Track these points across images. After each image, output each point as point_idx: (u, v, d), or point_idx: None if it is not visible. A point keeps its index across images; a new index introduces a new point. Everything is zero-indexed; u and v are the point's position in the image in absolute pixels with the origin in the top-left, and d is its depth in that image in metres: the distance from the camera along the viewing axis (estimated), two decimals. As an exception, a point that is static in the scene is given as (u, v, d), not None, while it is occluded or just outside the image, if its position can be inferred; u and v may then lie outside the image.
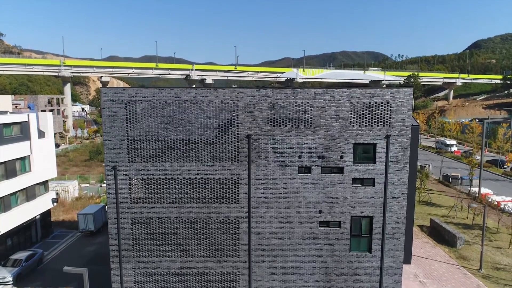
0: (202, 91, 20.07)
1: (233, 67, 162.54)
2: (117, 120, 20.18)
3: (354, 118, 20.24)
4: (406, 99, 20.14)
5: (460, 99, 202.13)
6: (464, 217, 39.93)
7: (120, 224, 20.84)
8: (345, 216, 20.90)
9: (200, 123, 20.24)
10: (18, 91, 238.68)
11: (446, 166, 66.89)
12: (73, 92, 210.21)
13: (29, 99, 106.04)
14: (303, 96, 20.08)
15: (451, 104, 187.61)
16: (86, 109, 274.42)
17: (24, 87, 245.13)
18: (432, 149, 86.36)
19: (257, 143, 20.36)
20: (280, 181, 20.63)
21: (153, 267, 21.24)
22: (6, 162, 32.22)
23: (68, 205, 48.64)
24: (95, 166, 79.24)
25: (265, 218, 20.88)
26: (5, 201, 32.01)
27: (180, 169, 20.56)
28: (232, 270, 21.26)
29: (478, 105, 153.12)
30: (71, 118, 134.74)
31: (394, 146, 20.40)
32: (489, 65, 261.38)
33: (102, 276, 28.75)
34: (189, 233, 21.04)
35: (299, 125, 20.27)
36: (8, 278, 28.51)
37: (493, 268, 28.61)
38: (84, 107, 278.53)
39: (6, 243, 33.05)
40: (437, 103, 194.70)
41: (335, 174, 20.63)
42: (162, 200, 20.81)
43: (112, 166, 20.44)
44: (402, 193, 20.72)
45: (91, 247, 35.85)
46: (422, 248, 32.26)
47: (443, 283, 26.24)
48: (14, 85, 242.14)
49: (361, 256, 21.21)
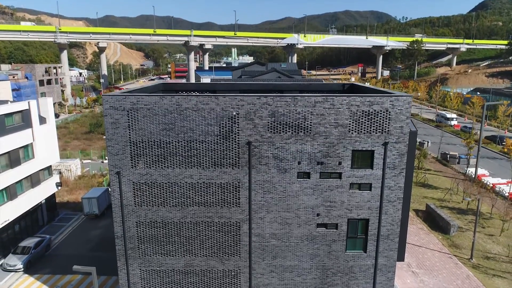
0: (203, 99, 20.18)
1: (233, 33, 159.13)
2: (120, 127, 20.44)
3: (353, 126, 20.49)
4: (405, 107, 20.29)
5: (463, 65, 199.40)
6: (459, 201, 40.97)
7: (126, 226, 21.64)
8: (342, 218, 21.67)
9: (201, 130, 20.51)
10: (14, 55, 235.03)
11: (445, 142, 67.44)
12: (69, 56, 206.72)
13: (26, 69, 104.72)
14: (303, 103, 20.21)
15: (454, 70, 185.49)
16: (83, 74, 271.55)
17: (19, 52, 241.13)
18: (432, 123, 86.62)
19: (258, 149, 20.74)
20: (279, 186, 21.21)
21: (158, 265, 22.29)
22: (10, 152, 32.71)
23: (71, 185, 49.65)
24: (96, 139, 79.83)
25: (265, 220, 21.66)
26: (11, 190, 32.81)
27: (182, 174, 21.08)
28: (233, 268, 22.33)
29: (481, 73, 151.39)
30: (69, 86, 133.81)
31: (391, 153, 20.80)
32: (495, 29, 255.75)
33: (109, 263, 30.06)
34: (192, 234, 21.90)
35: (299, 132, 20.55)
36: (19, 266, 29.85)
37: (484, 257, 29.86)
38: (81, 71, 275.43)
39: (14, 229, 34.20)
40: (440, 69, 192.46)
41: (333, 179, 21.16)
42: (166, 203, 21.48)
43: (116, 171, 20.93)
44: (398, 197, 21.37)
45: (97, 231, 37.13)
46: (416, 235, 33.45)
47: (435, 273, 27.52)
48: (9, 49, 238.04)
49: (357, 255, 22.19)
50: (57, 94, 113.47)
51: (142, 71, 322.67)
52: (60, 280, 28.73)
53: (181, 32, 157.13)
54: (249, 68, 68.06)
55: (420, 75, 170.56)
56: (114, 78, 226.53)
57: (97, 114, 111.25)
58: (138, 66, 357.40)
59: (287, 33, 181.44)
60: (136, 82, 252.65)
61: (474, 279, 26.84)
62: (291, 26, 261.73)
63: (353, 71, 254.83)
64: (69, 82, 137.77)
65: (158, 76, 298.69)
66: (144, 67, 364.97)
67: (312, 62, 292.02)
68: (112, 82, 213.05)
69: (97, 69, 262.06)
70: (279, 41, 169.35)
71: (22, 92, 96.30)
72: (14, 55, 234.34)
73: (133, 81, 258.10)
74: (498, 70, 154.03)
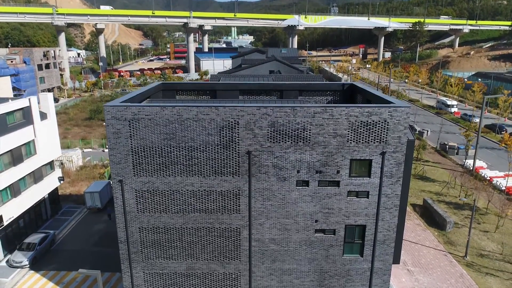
0: (203, 109, 20.37)
1: (233, 14, 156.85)
2: (121, 136, 20.71)
3: (352, 135, 20.75)
4: (403, 118, 20.50)
5: (466, 46, 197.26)
6: (456, 195, 41.57)
7: (129, 231, 22.20)
8: (340, 224, 22.21)
9: (202, 139, 20.78)
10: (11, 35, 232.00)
11: (444, 130, 67.66)
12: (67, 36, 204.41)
13: (24, 53, 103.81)
14: (302, 114, 20.41)
15: (456, 52, 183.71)
16: (82, 54, 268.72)
17: (16, 32, 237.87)
18: (433, 109, 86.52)
19: (257, 158, 21.07)
20: (279, 193, 21.65)
21: (161, 269, 22.98)
22: (12, 150, 33.02)
23: (73, 176, 50.19)
24: (96, 126, 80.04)
25: (265, 226, 22.21)
26: (14, 187, 33.29)
27: (183, 182, 21.48)
28: (233, 271, 23.04)
29: (483, 56, 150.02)
30: (68, 70, 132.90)
31: (389, 162, 21.13)
32: (499, 8, 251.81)
33: (112, 259, 30.88)
34: (193, 239, 22.49)
35: (298, 142, 20.83)
36: (25, 262, 30.64)
37: (478, 255, 30.64)
38: (79, 52, 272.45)
39: (19, 224, 34.87)
40: (442, 51, 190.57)
41: (332, 187, 21.59)
42: (167, 210, 21.98)
43: (118, 179, 21.33)
44: (395, 204, 21.84)
45: (99, 225, 37.86)
46: (413, 231, 34.17)
47: (430, 271, 28.32)
48: (6, 30, 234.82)
49: (354, 259, 22.85)
50: (56, 78, 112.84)
51: (141, 51, 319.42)
52: (66, 277, 29.57)
53: (180, 13, 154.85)
54: (249, 57, 67.58)
55: (421, 57, 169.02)
56: (113, 59, 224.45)
57: (96, 99, 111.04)
58: (137, 46, 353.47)
59: (288, 14, 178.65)
60: (135, 63, 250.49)
61: (467, 277, 27.65)
62: (291, 4, 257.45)
63: (354, 52, 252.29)
64: (68, 66, 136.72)
65: (157, 56, 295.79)
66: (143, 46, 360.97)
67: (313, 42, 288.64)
68: (111, 63, 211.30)
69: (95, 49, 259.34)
70: (279, 22, 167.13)
71: (21, 78, 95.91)
72: (11, 36, 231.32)
73: (132, 62, 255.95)
74: (501, 53, 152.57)
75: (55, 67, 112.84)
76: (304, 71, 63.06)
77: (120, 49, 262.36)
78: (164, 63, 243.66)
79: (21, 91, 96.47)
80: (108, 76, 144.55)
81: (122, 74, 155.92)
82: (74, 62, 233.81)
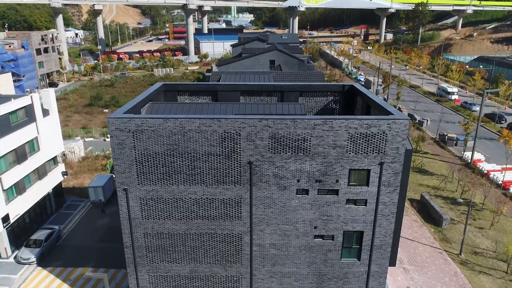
0: (206, 121, 20.71)
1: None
2: (125, 147, 21.14)
3: (351, 146, 21.18)
4: (402, 130, 20.88)
5: (469, 27, 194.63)
6: (453, 189, 42.28)
7: (134, 237, 22.93)
8: (338, 231, 22.91)
9: (204, 150, 21.22)
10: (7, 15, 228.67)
11: (444, 119, 67.96)
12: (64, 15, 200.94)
13: (22, 37, 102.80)
14: (303, 126, 20.78)
15: (459, 33, 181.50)
16: (79, 34, 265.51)
17: (13, 11, 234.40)
18: (433, 96, 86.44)
19: (258, 168, 21.57)
20: (279, 201, 22.26)
21: (165, 271, 23.84)
22: (16, 148, 33.48)
23: (75, 167, 50.80)
24: (97, 113, 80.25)
25: (265, 232, 22.92)
26: (19, 185, 33.93)
27: (186, 191, 22.06)
28: (235, 274, 23.91)
29: (486, 39, 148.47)
30: (66, 53, 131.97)
31: (387, 171, 21.64)
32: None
33: (117, 255, 31.80)
34: (196, 244, 23.25)
35: (298, 152, 21.28)
36: (32, 259, 31.59)
37: (472, 253, 31.56)
38: (77, 32, 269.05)
39: (24, 220, 35.69)
40: (444, 32, 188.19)
41: (331, 195, 22.17)
42: (171, 217, 22.64)
43: (123, 188, 21.89)
44: (392, 212, 22.48)
45: (103, 220, 38.72)
46: (410, 227, 35.03)
47: (425, 270, 29.28)
48: (2, 9, 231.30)
49: (351, 263, 23.67)
50: (54, 62, 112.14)
51: (139, 31, 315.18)
52: (72, 274, 30.54)
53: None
54: (249, 45, 67.18)
55: (423, 39, 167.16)
56: (111, 40, 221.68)
57: (96, 83, 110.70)
58: (135, 25, 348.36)
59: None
60: (133, 43, 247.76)
61: (461, 276, 28.62)
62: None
63: (355, 32, 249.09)
64: (66, 49, 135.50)
65: (156, 36, 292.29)
66: (141, 25, 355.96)
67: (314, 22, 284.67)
68: (109, 44, 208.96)
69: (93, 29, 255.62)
70: (280, 3, 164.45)
71: (20, 63, 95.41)
72: (7, 15, 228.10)
73: (131, 43, 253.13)
74: (504, 35, 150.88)
75: (54, 51, 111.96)
76: (305, 61, 62.85)
77: (118, 29, 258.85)
78: (163, 43, 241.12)
79: (20, 76, 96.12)
80: (107, 59, 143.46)
81: (121, 56, 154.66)
82: (72, 42, 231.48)
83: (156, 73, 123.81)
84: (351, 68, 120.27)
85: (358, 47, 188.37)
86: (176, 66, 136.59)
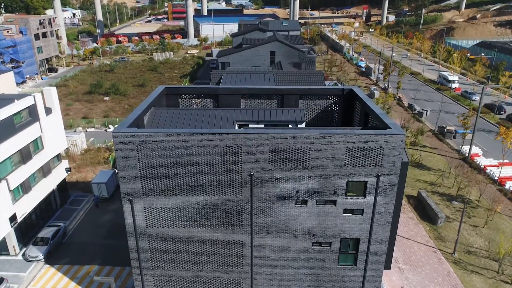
0: (208, 136, 21.25)
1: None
2: (130, 160, 21.76)
3: (349, 160, 21.79)
4: (398, 144, 21.44)
5: (472, 8, 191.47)
6: (450, 185, 43.07)
7: (139, 243, 23.84)
8: (336, 238, 23.80)
9: (206, 163, 21.85)
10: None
11: (444, 110, 68.25)
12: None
13: (19, 22, 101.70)
14: (302, 140, 21.33)
15: (462, 15, 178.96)
16: (77, 14, 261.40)
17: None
18: (434, 84, 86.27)
19: (259, 180, 22.26)
20: (279, 211, 23.05)
21: (169, 275, 24.87)
22: (21, 148, 34.07)
23: (78, 160, 51.46)
24: (97, 102, 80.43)
25: (266, 240, 23.81)
26: (25, 184, 34.70)
27: (189, 201, 22.81)
28: (236, 278, 24.96)
29: (489, 22, 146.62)
30: (65, 37, 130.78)
31: (383, 183, 22.33)
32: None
33: (122, 252, 32.90)
34: (199, 250, 24.18)
35: (298, 165, 21.91)
36: (40, 257, 32.68)
37: (466, 252, 32.60)
38: (75, 12, 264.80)
39: (31, 217, 36.62)
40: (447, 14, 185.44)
41: (329, 205, 22.94)
42: (175, 225, 23.48)
43: (128, 198, 22.64)
44: (387, 220, 23.30)
45: (107, 216, 39.68)
46: (406, 225, 36.00)
47: (419, 269, 30.37)
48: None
49: (348, 268, 24.67)
50: (53, 47, 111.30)
51: (138, 11, 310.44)
52: (79, 271, 31.69)
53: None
54: (250, 35, 66.81)
55: (426, 22, 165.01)
56: (110, 20, 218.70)
57: (95, 68, 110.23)
58: (133, 4, 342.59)
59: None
60: (132, 24, 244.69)
61: (453, 276, 29.72)
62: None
63: (357, 13, 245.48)
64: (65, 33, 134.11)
65: (155, 16, 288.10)
66: (140, 4, 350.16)
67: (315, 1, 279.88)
68: (107, 24, 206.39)
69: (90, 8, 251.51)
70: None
71: (19, 49, 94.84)
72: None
73: (129, 23, 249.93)
74: (507, 18, 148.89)
75: (52, 35, 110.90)
76: (305, 52, 62.71)
77: (116, 8, 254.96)
78: (162, 24, 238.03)
79: (20, 63, 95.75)
80: (106, 42, 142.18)
81: (120, 39, 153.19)
82: (70, 23, 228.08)
83: (156, 58, 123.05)
84: (352, 53, 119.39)
85: (359, 29, 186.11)
86: (175, 50, 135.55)
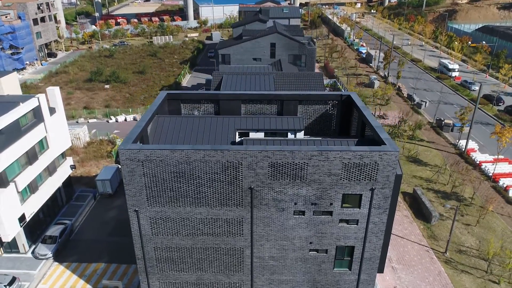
0: (210, 152, 22.14)
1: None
2: (135, 174, 22.74)
3: (344, 174, 22.76)
4: (392, 160, 22.36)
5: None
6: (445, 182, 44.16)
7: (145, 250, 25.11)
8: (331, 245, 25.05)
9: (208, 177, 22.84)
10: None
11: (443, 100, 68.72)
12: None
13: (17, 7, 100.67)
14: (300, 156, 22.23)
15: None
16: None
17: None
18: (434, 73, 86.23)
19: (259, 193, 23.31)
20: (278, 221, 24.20)
21: (174, 279, 26.28)
22: (28, 150, 34.99)
23: (81, 153, 52.42)
24: (98, 90, 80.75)
25: (265, 247, 25.08)
26: (32, 184, 35.80)
27: (192, 212, 23.93)
28: (237, 281, 26.37)
29: (492, 5, 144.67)
30: (63, 21, 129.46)
31: (377, 196, 23.38)
32: None
33: (127, 250, 34.32)
34: (202, 256, 25.48)
35: (296, 179, 22.91)
36: (49, 255, 34.14)
37: (457, 251, 33.97)
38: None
39: (38, 215, 37.88)
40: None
41: (325, 216, 24.06)
42: (178, 233, 24.68)
43: (134, 209, 23.76)
44: (381, 230, 24.48)
45: (112, 212, 40.96)
46: (400, 224, 37.30)
47: (411, 269, 31.81)
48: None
49: (343, 272, 26.04)
50: (52, 32, 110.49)
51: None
52: (87, 269, 33.18)
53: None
54: (250, 26, 66.60)
55: (429, 4, 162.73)
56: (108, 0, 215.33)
57: (94, 53, 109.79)
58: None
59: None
60: (131, 3, 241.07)
61: (444, 275, 31.18)
62: None
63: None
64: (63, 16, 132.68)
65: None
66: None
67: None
68: (105, 4, 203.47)
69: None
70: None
71: (18, 35, 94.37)
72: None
73: (128, 2, 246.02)
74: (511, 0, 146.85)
75: (51, 19, 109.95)
76: (305, 44, 62.74)
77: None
78: (161, 3, 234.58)
79: (19, 49, 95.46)
80: (105, 25, 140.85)
81: (119, 21, 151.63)
82: (68, 3, 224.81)
83: (155, 42, 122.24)
84: (353, 38, 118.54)
85: (361, 10, 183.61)
86: (175, 33, 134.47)
